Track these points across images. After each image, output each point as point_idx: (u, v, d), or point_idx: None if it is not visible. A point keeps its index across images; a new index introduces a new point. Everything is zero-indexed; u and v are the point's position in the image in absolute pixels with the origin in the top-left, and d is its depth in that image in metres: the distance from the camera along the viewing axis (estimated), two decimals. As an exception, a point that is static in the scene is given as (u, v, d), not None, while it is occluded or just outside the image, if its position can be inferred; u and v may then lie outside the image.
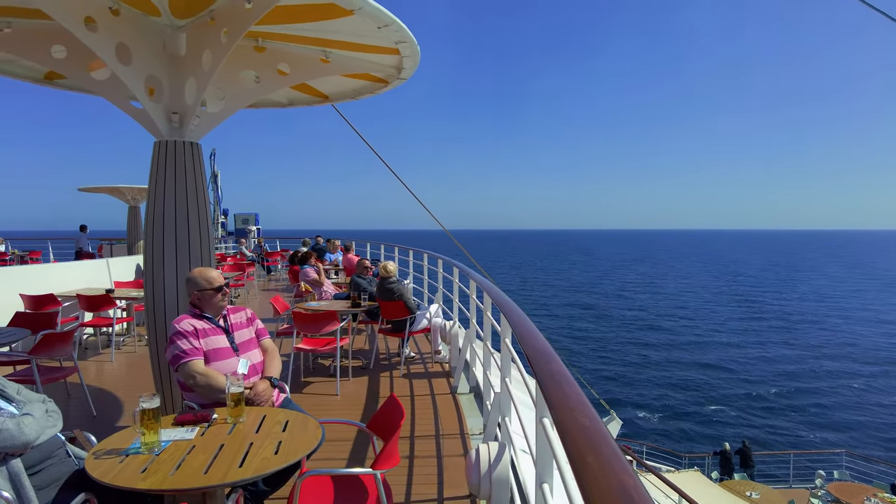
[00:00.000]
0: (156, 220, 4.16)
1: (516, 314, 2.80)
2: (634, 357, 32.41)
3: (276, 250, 21.21)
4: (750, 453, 16.06)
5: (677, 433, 21.42)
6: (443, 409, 4.99)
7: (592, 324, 42.58)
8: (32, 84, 5.36)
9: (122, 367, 6.75)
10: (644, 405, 24.24)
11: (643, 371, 29.51)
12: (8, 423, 2.21)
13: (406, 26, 3.94)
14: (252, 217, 24.66)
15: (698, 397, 25.45)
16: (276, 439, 2.40)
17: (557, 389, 1.60)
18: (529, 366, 1.94)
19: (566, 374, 1.73)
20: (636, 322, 43.07)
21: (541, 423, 2.05)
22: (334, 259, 12.84)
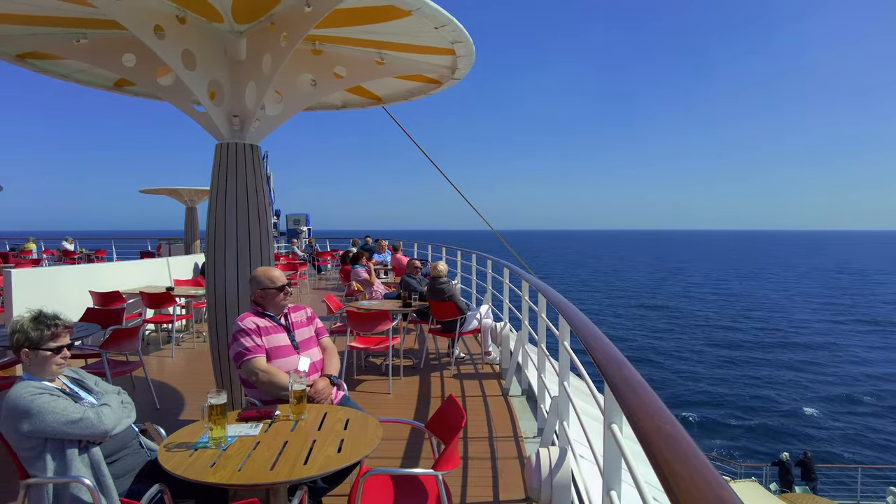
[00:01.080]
0: (217, 221, 4.28)
1: (577, 317, 2.74)
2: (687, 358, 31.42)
3: (326, 250, 21.62)
4: (812, 465, 15.32)
5: (732, 440, 20.64)
6: (495, 411, 4.95)
7: (642, 323, 41.52)
8: (102, 91, 5.61)
9: (181, 362, 6.99)
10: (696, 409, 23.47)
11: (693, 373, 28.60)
12: (89, 412, 2.31)
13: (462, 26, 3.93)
14: (303, 218, 25.19)
15: (756, 403, 24.45)
16: (339, 437, 2.42)
17: (633, 395, 1.54)
18: (600, 371, 1.88)
19: (641, 379, 1.67)
20: (691, 322, 41.69)
21: (609, 429, 1.99)
22: (382, 259, 12.97)
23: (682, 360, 30.74)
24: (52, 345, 2.39)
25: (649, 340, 35.73)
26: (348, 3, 3.63)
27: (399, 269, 11.19)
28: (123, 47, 4.38)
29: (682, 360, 30.74)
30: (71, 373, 2.58)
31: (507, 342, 6.19)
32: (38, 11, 3.90)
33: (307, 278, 15.74)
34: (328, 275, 19.10)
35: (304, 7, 3.70)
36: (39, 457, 2.26)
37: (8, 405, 2.24)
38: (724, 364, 30.10)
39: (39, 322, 2.39)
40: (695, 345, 34.48)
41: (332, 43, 4.62)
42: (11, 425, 2.23)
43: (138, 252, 18.19)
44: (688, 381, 27.32)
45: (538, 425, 4.53)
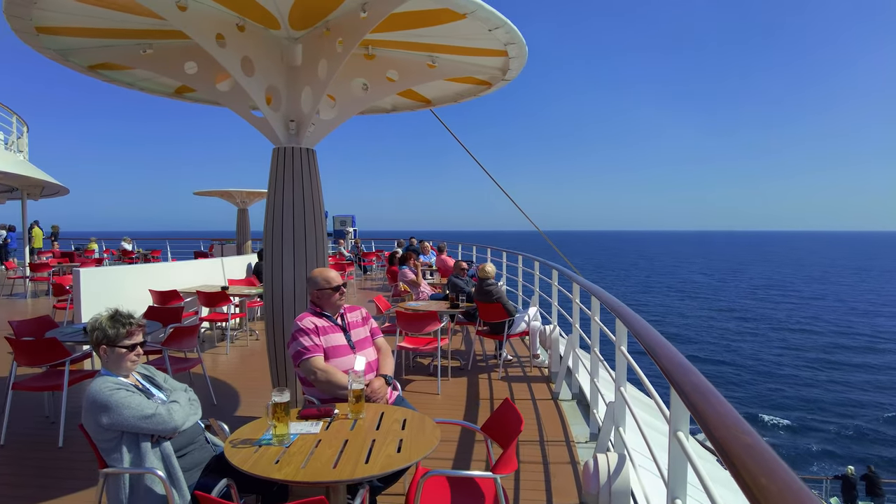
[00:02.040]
0: (275, 223, 4.40)
1: (637, 321, 2.69)
2: (743, 360, 30.23)
3: (371, 251, 21.91)
4: (878, 480, 14.54)
5: (790, 450, 19.81)
6: (545, 415, 4.91)
7: (698, 323, 40.07)
8: (164, 98, 5.84)
9: (235, 359, 7.20)
10: (749, 415, 22.62)
11: (748, 376, 27.52)
12: (160, 408, 2.41)
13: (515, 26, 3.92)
14: (349, 219, 25.62)
15: (817, 411, 23.34)
16: (397, 437, 2.46)
17: (705, 403, 1.50)
18: (667, 377, 1.84)
19: (711, 387, 1.63)
20: (763, 326, 39.95)
21: (675, 438, 1.95)
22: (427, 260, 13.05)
23: (731, 363, 29.67)
24: (126, 342, 2.52)
25: (715, 343, 34.54)
26: (403, 8, 3.68)
27: (444, 270, 11.24)
28: (186, 56, 4.55)
29: (731, 363, 29.67)
30: (143, 370, 2.70)
31: (557, 346, 6.13)
32: (109, 25, 4.10)
33: (354, 278, 15.98)
34: (374, 275, 19.35)
35: (360, 13, 3.76)
36: (116, 448, 2.37)
37: (89, 399, 2.37)
38: (785, 368, 28.88)
39: (116, 320, 2.52)
40: (756, 347, 33.18)
41: (385, 47, 4.68)
42: (92, 418, 2.35)
43: (192, 252, 18.86)
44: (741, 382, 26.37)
45: (590, 430, 4.48)
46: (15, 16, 3.70)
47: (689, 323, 39.90)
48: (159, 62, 4.59)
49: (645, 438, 2.65)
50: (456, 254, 16.19)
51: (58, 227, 22.26)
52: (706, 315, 43.34)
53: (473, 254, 15.63)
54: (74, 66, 4.68)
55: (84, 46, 4.47)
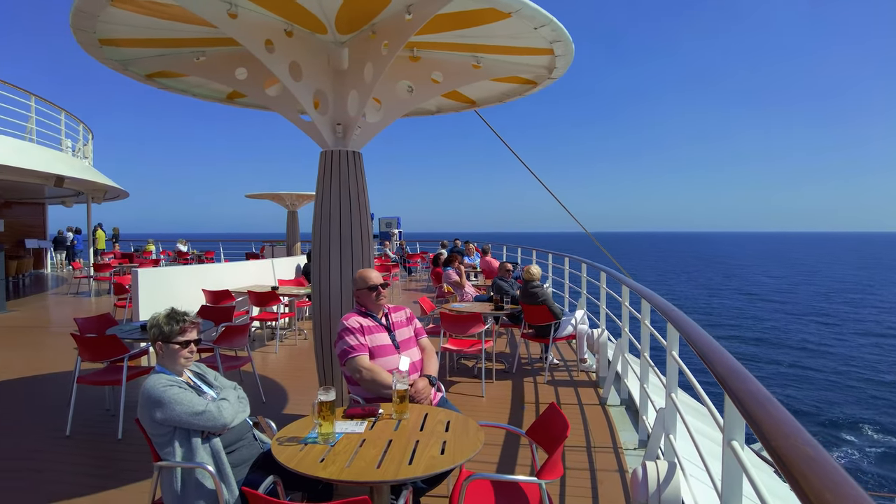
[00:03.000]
0: (322, 224, 4.47)
1: (690, 326, 2.59)
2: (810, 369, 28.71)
3: (416, 252, 22.05)
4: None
5: (856, 464, 18.75)
6: (592, 421, 4.81)
7: (761, 330, 38.14)
8: (216, 103, 6.03)
9: (284, 358, 7.36)
10: (814, 428, 21.51)
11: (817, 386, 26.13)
12: (211, 406, 2.48)
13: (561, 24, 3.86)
14: (394, 221, 25.87)
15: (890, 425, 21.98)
16: (441, 439, 2.44)
17: (763, 412, 1.43)
18: (721, 384, 1.76)
19: (769, 394, 1.54)
20: (825, 330, 37.74)
21: (729, 447, 1.86)
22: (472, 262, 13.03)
23: (820, 368, 28.20)
24: (180, 339, 2.61)
25: (800, 348, 32.72)
26: (448, 9, 3.67)
27: (488, 271, 11.19)
28: (236, 62, 4.68)
29: (820, 368, 28.20)
30: (195, 367, 2.78)
31: (605, 350, 6.00)
32: (165, 34, 4.26)
33: (399, 280, 16.11)
34: (418, 276, 19.47)
35: (405, 15, 3.78)
36: (169, 443, 2.45)
37: (144, 394, 2.46)
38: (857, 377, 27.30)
39: (171, 318, 2.62)
40: (836, 354, 31.42)
41: (430, 49, 4.69)
42: (147, 413, 2.44)
43: (244, 253, 19.44)
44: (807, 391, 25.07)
45: (639, 437, 4.35)
46: (80, 29, 3.89)
47: (769, 326, 37.82)
48: (212, 69, 4.74)
49: (697, 447, 2.55)
50: (501, 255, 16.11)
51: (118, 229, 23.37)
52: (784, 318, 40.98)
53: (518, 256, 15.50)
54: (133, 75, 4.88)
55: (142, 56, 4.66)
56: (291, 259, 11.20)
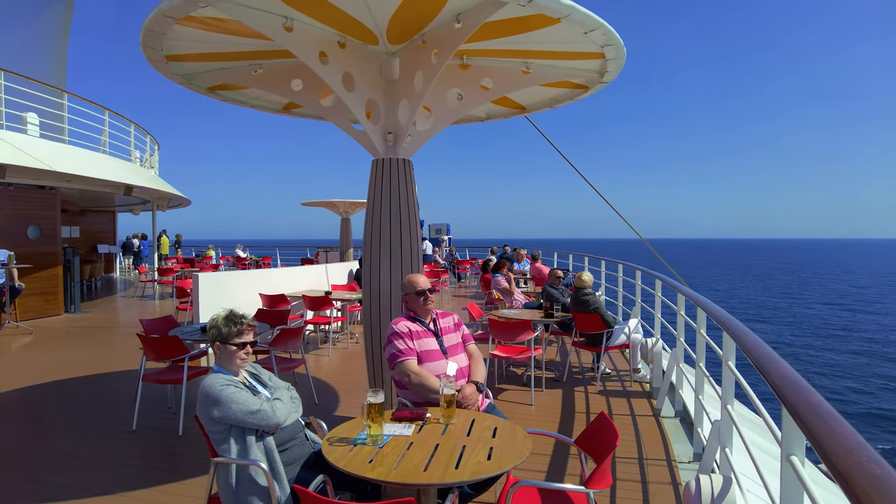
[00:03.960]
0: (373, 231, 4.55)
1: (746, 335, 2.50)
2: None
3: (465, 258, 22.08)
4: None
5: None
6: (645, 432, 4.69)
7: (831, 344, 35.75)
8: (273, 114, 6.24)
9: (336, 361, 7.51)
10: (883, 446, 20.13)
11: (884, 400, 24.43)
12: (265, 405, 2.57)
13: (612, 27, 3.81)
14: (444, 227, 26.00)
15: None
16: (488, 445, 2.44)
17: (823, 426, 1.36)
18: (777, 395, 1.69)
19: (830, 408, 1.47)
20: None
21: (788, 462, 1.78)
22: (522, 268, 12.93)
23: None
24: (237, 341, 2.71)
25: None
26: (497, 16, 3.69)
27: (538, 278, 11.09)
28: (292, 74, 4.84)
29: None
30: (251, 368, 2.89)
31: (659, 360, 5.83)
32: (225, 48, 4.45)
33: (448, 286, 16.17)
34: (467, 282, 19.48)
35: (454, 24, 3.82)
36: (225, 440, 2.55)
37: (202, 392, 2.57)
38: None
39: (230, 320, 2.73)
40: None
41: (479, 56, 4.71)
42: (205, 410, 2.55)
43: (299, 259, 19.98)
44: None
45: (694, 450, 4.21)
46: (149, 46, 4.12)
47: (866, 338, 35.21)
48: (269, 81, 4.92)
49: (754, 461, 2.45)
50: (551, 262, 15.92)
51: (181, 235, 24.46)
52: (880, 329, 37.81)
53: (570, 262, 15.28)
54: (196, 88, 5.12)
55: (204, 70, 4.89)
56: (344, 264, 11.44)
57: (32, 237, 10.82)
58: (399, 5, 3.69)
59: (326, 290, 9.16)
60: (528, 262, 13.26)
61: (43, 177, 10.11)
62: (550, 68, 4.78)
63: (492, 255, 15.78)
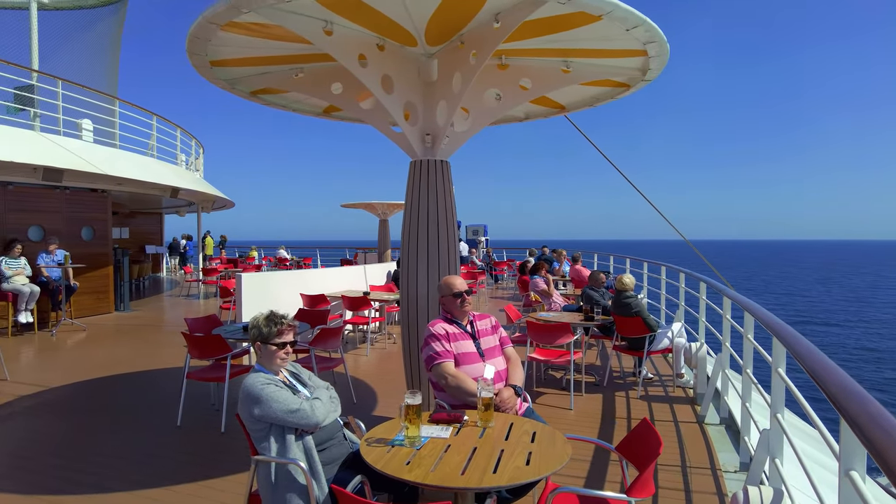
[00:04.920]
0: (411, 232, 4.56)
1: (798, 341, 2.38)
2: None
3: (502, 260, 21.97)
4: None
5: None
6: (688, 440, 4.55)
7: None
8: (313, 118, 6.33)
9: (374, 361, 7.56)
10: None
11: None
12: (304, 404, 2.59)
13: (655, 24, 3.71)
14: (481, 228, 25.94)
15: None
16: (526, 449, 2.40)
17: (888, 440, 1.28)
18: (834, 406, 1.60)
19: (894, 420, 1.38)
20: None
21: (847, 477, 1.68)
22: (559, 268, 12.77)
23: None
24: (277, 341, 2.75)
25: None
26: (536, 15, 3.64)
27: (578, 280, 10.92)
28: (332, 77, 4.90)
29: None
30: (291, 367, 2.92)
31: (704, 365, 5.66)
32: (267, 53, 4.54)
33: (485, 287, 16.11)
34: (504, 284, 19.36)
35: (493, 24, 3.80)
36: (265, 438, 2.58)
37: (244, 390, 2.61)
38: None
39: (270, 320, 2.77)
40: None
41: (518, 56, 4.67)
42: (246, 409, 2.59)
43: (339, 260, 20.26)
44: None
45: (740, 459, 4.06)
46: (194, 53, 4.23)
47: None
48: (309, 84, 4.99)
49: (808, 474, 2.34)
50: (592, 264, 15.68)
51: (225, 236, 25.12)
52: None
53: (611, 264, 15.02)
54: (239, 92, 5.24)
55: (247, 75, 5.00)
56: (382, 265, 11.52)
57: (86, 238, 11.28)
58: (437, 7, 3.68)
59: (365, 290, 9.25)
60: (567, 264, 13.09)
61: (96, 180, 10.53)
62: (591, 67, 4.70)
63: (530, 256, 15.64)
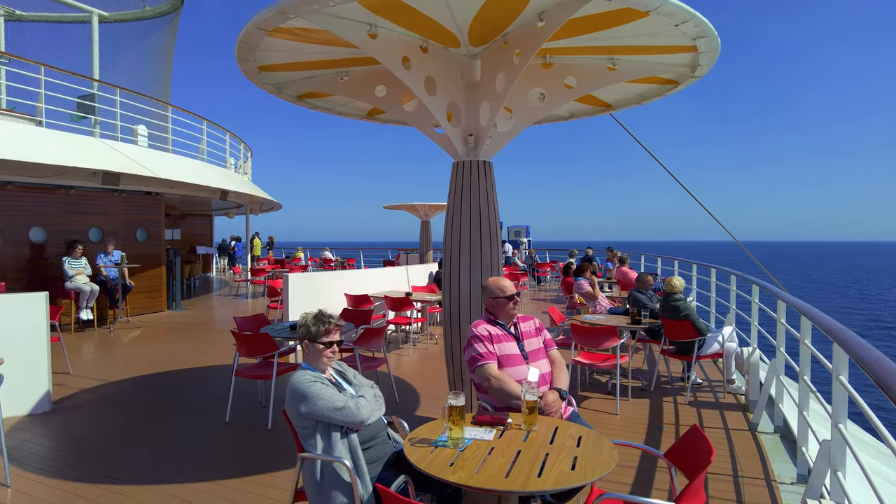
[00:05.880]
0: (453, 233, 4.55)
1: (862, 347, 2.25)
2: None
3: (545, 261, 21.74)
4: None
5: None
6: (740, 448, 4.38)
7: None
8: (357, 121, 6.41)
9: (416, 361, 7.60)
10: None
11: None
12: (349, 402, 2.62)
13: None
14: (523, 229, 25.76)
15: None
16: (571, 454, 2.35)
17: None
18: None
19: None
20: None
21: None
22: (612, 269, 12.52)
23: None
24: (324, 340, 2.79)
25: None
26: (581, 12, 3.58)
27: (624, 282, 10.70)
28: (376, 80, 4.95)
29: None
30: (337, 365, 2.96)
31: (756, 371, 5.44)
32: (313, 57, 4.62)
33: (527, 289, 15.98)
34: (547, 286, 19.15)
35: (537, 22, 3.76)
36: (311, 435, 2.62)
37: (290, 388, 2.66)
38: None
39: (318, 319, 2.82)
40: None
41: (563, 54, 4.61)
42: (293, 406, 2.63)
43: (381, 261, 20.48)
44: None
45: (798, 471, 3.88)
46: (244, 59, 4.35)
47: None
48: (354, 87, 5.05)
49: (875, 491, 2.20)
50: (639, 266, 15.34)
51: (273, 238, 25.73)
52: None
53: (658, 266, 14.64)
54: (286, 97, 5.35)
55: (293, 79, 5.10)
56: (424, 266, 11.57)
57: (140, 239, 11.75)
58: (481, 7, 3.67)
59: (407, 291, 9.31)
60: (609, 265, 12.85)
61: (150, 183, 10.95)
62: (638, 64, 4.60)
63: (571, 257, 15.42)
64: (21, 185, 9.70)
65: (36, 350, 5.32)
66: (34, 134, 9.07)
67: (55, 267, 9.89)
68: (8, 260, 9.61)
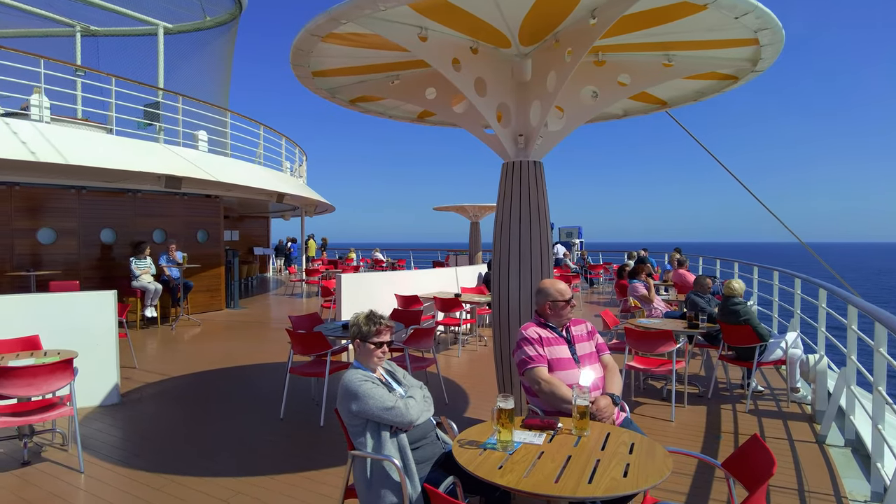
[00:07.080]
0: (503, 234, 4.53)
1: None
2: None
3: (598, 263, 21.33)
4: None
5: None
6: (806, 461, 4.16)
7: None
8: (408, 123, 6.47)
9: (465, 362, 7.60)
10: None
11: None
12: (399, 402, 2.64)
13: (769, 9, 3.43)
14: (575, 231, 25.35)
15: None
16: (624, 461, 2.29)
17: None
18: None
19: None
20: None
21: None
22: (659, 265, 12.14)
23: None
24: (375, 339, 2.83)
25: None
26: (635, 8, 3.49)
27: (682, 285, 10.36)
28: (426, 83, 4.98)
29: None
30: (387, 365, 2.99)
31: (824, 379, 5.16)
32: (364, 62, 4.69)
33: (579, 291, 15.71)
34: (600, 288, 18.78)
35: (589, 20, 3.69)
36: (361, 434, 2.65)
37: (342, 386, 2.70)
38: None
39: (370, 319, 2.87)
40: None
41: (616, 51, 4.51)
42: (344, 404, 2.68)
43: (431, 261, 20.60)
44: None
45: (872, 488, 3.64)
46: (298, 65, 4.46)
47: None
48: (405, 91, 5.10)
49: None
50: (696, 268, 14.83)
51: (327, 239, 26.31)
52: None
53: (717, 268, 14.12)
54: (339, 101, 5.45)
55: (346, 84, 5.19)
56: (473, 268, 11.57)
57: (201, 240, 12.26)
58: (531, 6, 3.63)
59: (456, 292, 9.32)
60: (669, 267, 12.45)
61: (210, 187, 11.41)
62: (695, 59, 4.44)
63: (629, 259, 15.05)
64: (93, 190, 10.33)
65: (106, 345, 5.64)
66: (105, 141, 9.60)
67: (123, 267, 10.47)
68: (82, 260, 10.23)
